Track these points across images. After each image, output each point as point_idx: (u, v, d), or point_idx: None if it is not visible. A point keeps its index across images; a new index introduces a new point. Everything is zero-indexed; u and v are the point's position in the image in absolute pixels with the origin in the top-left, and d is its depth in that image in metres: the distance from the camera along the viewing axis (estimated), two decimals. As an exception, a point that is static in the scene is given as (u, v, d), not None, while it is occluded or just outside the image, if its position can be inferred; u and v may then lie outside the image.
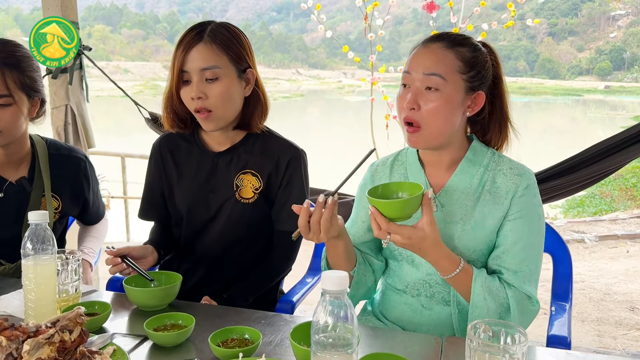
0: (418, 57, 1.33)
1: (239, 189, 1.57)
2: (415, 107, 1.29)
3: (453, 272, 1.27)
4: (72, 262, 1.33)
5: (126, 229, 5.10)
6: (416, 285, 1.42)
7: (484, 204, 1.34)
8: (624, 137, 2.26)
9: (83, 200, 1.83)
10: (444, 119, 1.30)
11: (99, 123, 3.33)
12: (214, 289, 1.60)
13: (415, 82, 1.30)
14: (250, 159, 1.59)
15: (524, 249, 1.32)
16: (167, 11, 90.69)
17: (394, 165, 1.49)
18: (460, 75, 1.31)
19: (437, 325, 1.41)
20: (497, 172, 1.36)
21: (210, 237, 1.61)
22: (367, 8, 4.55)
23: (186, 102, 1.50)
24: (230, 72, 1.47)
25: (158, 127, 2.87)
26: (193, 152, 1.63)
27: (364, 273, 1.45)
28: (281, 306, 1.66)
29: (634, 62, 53.02)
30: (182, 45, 1.45)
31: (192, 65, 1.44)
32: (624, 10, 56.76)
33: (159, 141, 1.69)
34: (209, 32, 1.46)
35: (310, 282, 1.83)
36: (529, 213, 1.33)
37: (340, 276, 0.82)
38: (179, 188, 1.63)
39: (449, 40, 1.33)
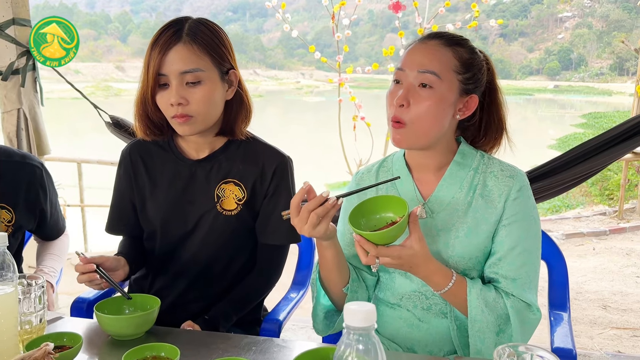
0: (413, 53, 1.26)
1: (220, 200, 1.44)
2: (405, 103, 1.22)
3: (446, 286, 1.20)
4: (36, 289, 1.17)
5: (84, 239, 4.84)
6: (411, 297, 1.33)
7: (477, 209, 1.27)
8: (606, 139, 2.25)
9: (39, 211, 1.67)
10: (433, 118, 1.23)
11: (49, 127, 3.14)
12: (192, 309, 1.47)
13: (408, 78, 1.24)
14: (233, 167, 1.45)
15: (521, 255, 1.25)
16: (119, 10, 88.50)
17: (379, 172, 1.42)
18: (455, 75, 1.25)
19: (436, 341, 1.33)
20: (487, 174, 1.30)
21: (187, 253, 1.47)
22: (334, 7, 4.46)
23: (163, 108, 1.35)
24: (213, 75, 1.34)
25: (120, 132, 2.70)
26: (168, 160, 1.48)
27: (356, 290, 1.35)
28: (267, 326, 1.54)
29: (580, 62, 54.99)
30: (158, 46, 1.31)
31: (170, 68, 1.30)
32: (571, 12, 58.83)
33: (129, 148, 1.54)
34: (188, 31, 1.32)
35: (296, 298, 1.72)
36: (524, 217, 1.26)
37: (367, 310, 0.71)
38: (152, 199, 1.48)
39: (447, 39, 1.27)
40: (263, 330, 1.53)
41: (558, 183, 2.25)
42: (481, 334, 1.21)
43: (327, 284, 1.34)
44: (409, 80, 1.24)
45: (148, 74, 1.31)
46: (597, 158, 2.24)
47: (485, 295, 1.21)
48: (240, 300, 1.46)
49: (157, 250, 1.50)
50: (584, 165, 2.26)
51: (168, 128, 1.44)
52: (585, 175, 2.31)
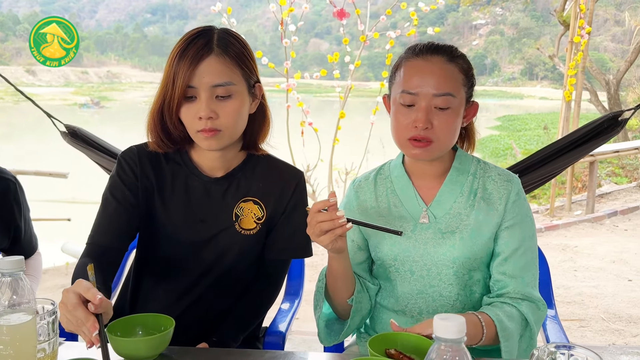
0: (422, 74, 1.27)
1: (240, 218, 1.39)
2: (429, 126, 1.25)
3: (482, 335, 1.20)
4: (48, 314, 1.09)
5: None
6: (417, 301, 1.36)
7: (479, 211, 1.32)
8: (566, 143, 2.39)
9: (14, 228, 1.56)
10: (454, 132, 1.30)
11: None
12: (196, 327, 1.41)
13: (422, 102, 1.26)
14: (252, 186, 1.41)
15: (524, 254, 1.32)
16: (28, 11, 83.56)
17: (377, 180, 1.44)
18: (463, 88, 1.30)
19: None
20: (486, 178, 1.36)
21: (192, 270, 1.42)
22: (283, 13, 4.46)
23: (188, 121, 1.28)
24: (243, 89, 1.29)
25: (78, 142, 2.56)
26: (180, 174, 1.40)
27: (360, 300, 1.36)
28: (271, 340, 1.52)
29: (494, 67, 57.90)
30: (187, 57, 1.23)
31: (201, 81, 1.24)
32: (484, 19, 61.82)
33: (138, 151, 1.41)
34: (218, 42, 1.26)
35: (292, 308, 1.70)
36: (523, 218, 1.34)
37: (459, 322, 0.73)
38: (161, 212, 1.39)
39: (447, 53, 1.30)
40: (267, 344, 1.51)
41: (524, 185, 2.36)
42: (512, 346, 1.23)
43: (332, 293, 1.35)
44: (425, 104, 1.25)
45: (175, 86, 1.24)
46: (558, 161, 2.37)
47: (508, 318, 1.24)
48: (245, 318, 1.43)
49: (156, 262, 1.43)
50: (545, 168, 2.39)
51: (183, 140, 1.37)
52: (546, 178, 2.44)
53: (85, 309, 1.01)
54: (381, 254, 1.38)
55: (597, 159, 5.97)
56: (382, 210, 1.39)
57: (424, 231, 1.33)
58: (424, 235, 1.33)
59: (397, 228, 1.34)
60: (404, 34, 5.37)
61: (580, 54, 5.35)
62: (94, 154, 2.57)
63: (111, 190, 1.39)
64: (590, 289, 3.97)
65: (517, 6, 50.00)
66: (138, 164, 1.39)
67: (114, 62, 63.43)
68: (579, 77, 5.58)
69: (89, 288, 1.03)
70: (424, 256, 1.33)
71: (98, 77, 55.03)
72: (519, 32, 55.59)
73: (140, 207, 1.39)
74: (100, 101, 34.23)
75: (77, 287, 1.04)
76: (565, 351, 0.93)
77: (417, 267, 1.34)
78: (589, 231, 5.61)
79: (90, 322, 1.00)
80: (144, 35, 76.65)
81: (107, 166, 2.62)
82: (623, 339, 3.16)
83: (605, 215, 6.00)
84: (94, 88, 46.47)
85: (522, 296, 1.30)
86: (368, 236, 1.41)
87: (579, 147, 2.34)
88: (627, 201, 6.71)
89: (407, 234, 1.34)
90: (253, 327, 1.45)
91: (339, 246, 1.20)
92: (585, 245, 5.08)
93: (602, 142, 2.34)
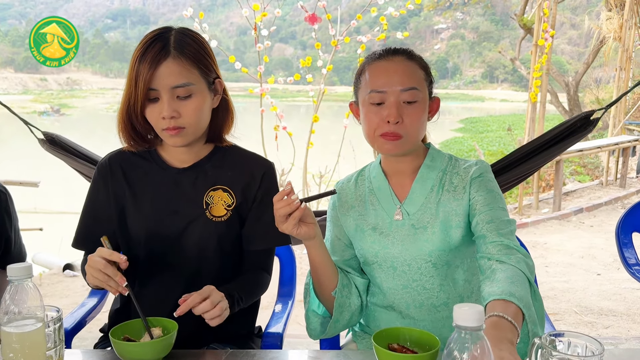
0: (387, 73, 1.33)
1: (210, 206, 1.43)
2: (400, 120, 1.31)
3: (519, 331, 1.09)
4: (54, 322, 1.08)
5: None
6: (403, 297, 1.38)
7: (445, 203, 1.36)
8: (540, 142, 2.46)
9: (5, 239, 1.53)
10: (422, 125, 1.37)
11: None
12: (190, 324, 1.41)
13: (391, 98, 1.32)
14: (221, 175, 1.45)
15: (496, 213, 1.31)
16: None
17: (358, 181, 1.50)
18: (425, 83, 1.37)
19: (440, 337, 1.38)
20: (453, 174, 1.40)
21: (176, 262, 1.43)
22: (256, 18, 4.47)
23: (153, 121, 1.33)
24: (202, 87, 1.35)
25: (56, 149, 2.51)
26: (151, 170, 1.45)
27: (347, 295, 1.39)
28: (269, 341, 1.52)
29: (455, 71, 58.99)
30: (146, 61, 1.28)
31: (161, 83, 1.28)
32: (445, 24, 62.94)
33: (109, 158, 1.48)
34: (175, 44, 1.30)
35: (287, 309, 1.71)
36: (489, 192, 1.34)
37: (477, 311, 0.76)
38: (135, 210, 1.43)
39: (406, 53, 1.37)
40: (265, 345, 1.52)
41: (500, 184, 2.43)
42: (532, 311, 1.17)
43: (317, 286, 1.39)
44: (394, 99, 1.31)
45: (137, 89, 1.29)
46: (533, 160, 2.45)
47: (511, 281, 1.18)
48: (245, 287, 1.43)
49: (141, 263, 1.44)
50: (522, 167, 2.47)
51: (155, 138, 1.43)
52: (522, 177, 2.52)
53: (113, 267, 1.21)
54: (363, 251, 1.42)
55: (562, 158, 6.15)
56: (362, 209, 1.44)
57: (399, 228, 1.38)
58: (400, 232, 1.38)
59: (375, 226, 1.40)
60: (374, 39, 5.45)
61: (545, 56, 5.52)
62: (73, 161, 2.53)
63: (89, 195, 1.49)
64: (562, 284, 4.10)
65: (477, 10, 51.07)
66: (109, 171, 1.46)
67: (74, 69, 62.00)
68: (543, 79, 5.75)
69: (111, 253, 1.22)
70: (402, 252, 1.37)
71: (58, 84, 53.72)
72: (479, 36, 56.80)
73: (114, 214, 1.45)
74: (60, 108, 33.47)
75: (100, 252, 1.22)
76: (564, 339, 0.97)
77: (398, 263, 1.38)
78: (557, 228, 5.78)
79: (118, 277, 1.21)
80: (105, 41, 75.29)
81: (87, 173, 2.58)
82: (596, 330, 3.27)
83: (571, 212, 6.19)
84: (54, 95, 45.37)
85: (503, 246, 1.26)
86: (351, 235, 1.45)
87: (553, 146, 2.42)
88: (592, 198, 6.94)
89: (385, 232, 1.39)
90: (250, 302, 1.46)
91: (304, 232, 1.26)
92: (554, 241, 5.23)
93: (575, 141, 2.43)
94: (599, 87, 17.22)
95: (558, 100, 14.11)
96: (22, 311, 0.98)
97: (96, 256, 1.21)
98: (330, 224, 1.51)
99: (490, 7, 30.20)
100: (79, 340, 1.59)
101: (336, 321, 1.39)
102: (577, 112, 13.91)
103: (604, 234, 5.48)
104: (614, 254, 4.58)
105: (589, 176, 8.76)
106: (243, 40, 60.50)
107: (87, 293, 1.79)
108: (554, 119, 15.42)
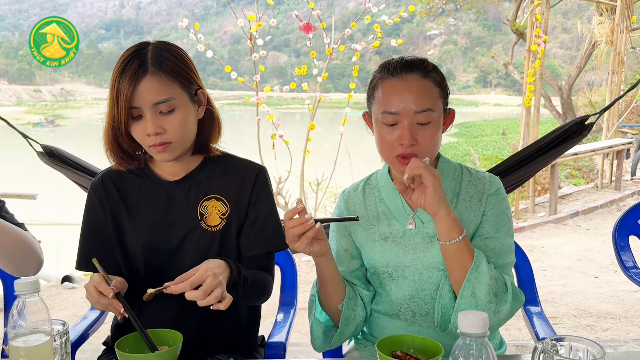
0: (401, 94, 1.30)
1: (204, 217, 1.43)
2: (414, 142, 1.30)
3: (459, 236, 1.25)
4: (60, 334, 1.09)
5: None
6: (410, 305, 1.39)
7: (462, 212, 1.36)
8: (537, 148, 2.49)
9: None
10: (437, 144, 1.35)
11: None
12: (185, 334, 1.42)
13: (404, 120, 1.29)
14: (213, 184, 1.45)
15: (499, 245, 1.35)
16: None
17: (365, 189, 1.49)
18: (440, 100, 1.34)
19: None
20: (467, 182, 1.41)
21: (175, 275, 1.43)
22: (252, 28, 4.49)
23: (139, 138, 1.33)
24: (184, 100, 1.34)
25: (55, 161, 2.52)
26: (144, 186, 1.45)
27: (354, 308, 1.40)
28: (271, 352, 1.53)
29: (449, 76, 59.00)
30: (125, 79, 1.28)
31: (142, 101, 1.28)
32: (438, 30, 63.26)
33: (101, 177, 1.48)
34: (152, 60, 1.30)
35: (289, 318, 1.72)
36: (500, 214, 1.38)
37: (482, 318, 0.77)
38: (131, 227, 1.43)
39: (420, 69, 1.33)
40: (268, 355, 1.52)
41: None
42: (479, 282, 1.25)
43: (323, 299, 1.39)
44: (407, 122, 1.29)
45: (119, 107, 1.28)
46: (530, 165, 2.47)
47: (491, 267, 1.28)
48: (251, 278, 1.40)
49: (142, 277, 1.44)
50: (519, 172, 2.49)
51: (142, 154, 1.43)
52: (519, 182, 2.54)
53: (105, 297, 1.21)
54: (373, 261, 1.41)
55: (557, 161, 6.19)
56: (372, 219, 1.43)
57: (412, 237, 1.38)
58: (413, 241, 1.37)
59: (387, 235, 1.40)
60: (369, 46, 5.48)
61: (539, 61, 5.57)
62: (72, 173, 2.53)
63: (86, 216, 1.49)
64: (560, 287, 4.11)
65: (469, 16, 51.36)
66: (103, 190, 1.45)
67: (67, 80, 61.96)
68: (537, 83, 5.80)
69: (100, 283, 1.22)
70: (414, 261, 1.37)
71: (52, 95, 53.65)
72: (472, 41, 57.09)
73: (112, 232, 1.45)
74: (54, 119, 33.37)
75: (92, 282, 1.23)
76: (565, 343, 0.98)
77: (409, 272, 1.38)
78: (554, 231, 5.81)
79: (113, 304, 1.21)
80: (99, 52, 75.25)
81: (85, 185, 2.58)
82: (595, 333, 3.29)
83: (567, 215, 6.21)
84: (48, 106, 45.25)
85: None
86: (360, 245, 1.45)
87: (548, 151, 2.44)
88: (587, 201, 6.97)
89: (396, 240, 1.38)
90: (255, 295, 1.44)
91: (317, 249, 1.25)
92: (551, 245, 5.26)
93: (570, 146, 2.45)
94: (591, 90, 17.33)
95: (551, 104, 14.18)
96: (29, 325, 0.99)
97: (90, 286, 1.23)
98: (336, 234, 1.49)
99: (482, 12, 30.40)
100: (80, 353, 1.59)
101: (341, 333, 1.39)
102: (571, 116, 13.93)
103: (600, 236, 5.51)
104: (610, 257, 4.61)
105: (584, 179, 8.80)
106: (237, 49, 60.59)
107: (86, 305, 1.80)
108: (548, 122, 15.50)
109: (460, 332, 0.79)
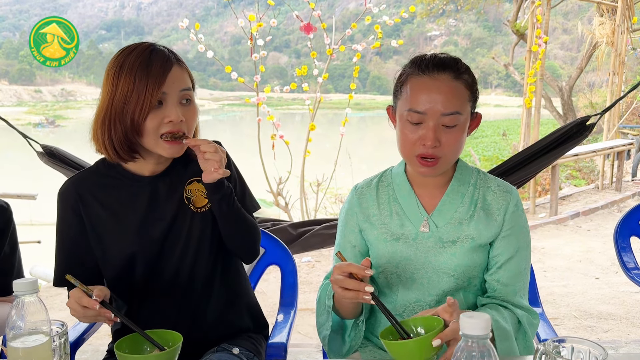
0: (430, 94, 1.26)
1: (191, 200, 1.45)
2: (437, 144, 1.27)
3: None
4: (59, 336, 1.08)
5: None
6: (415, 308, 1.39)
7: (479, 221, 1.35)
8: (537, 149, 2.48)
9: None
10: (460, 148, 1.33)
11: None
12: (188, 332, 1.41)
13: (430, 122, 1.27)
14: (192, 167, 1.46)
15: (517, 264, 1.36)
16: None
17: (379, 186, 1.46)
18: (469, 104, 1.31)
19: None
20: (486, 189, 1.39)
21: (169, 270, 1.43)
22: (252, 28, 4.49)
23: (153, 127, 1.32)
24: (193, 95, 1.43)
25: (55, 162, 2.51)
26: (122, 186, 1.42)
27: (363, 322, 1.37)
28: (273, 352, 1.53)
29: (449, 77, 58.98)
30: (156, 64, 1.32)
31: (172, 86, 1.33)
32: (438, 31, 63.29)
33: (72, 184, 1.42)
34: (171, 55, 1.37)
35: (289, 319, 1.71)
36: (520, 229, 1.38)
37: (484, 319, 0.77)
38: (116, 230, 1.41)
39: (453, 70, 1.29)
40: (269, 355, 1.52)
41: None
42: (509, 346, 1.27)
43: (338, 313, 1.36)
44: (433, 123, 1.26)
45: (146, 92, 1.29)
46: (531, 166, 2.46)
47: (501, 315, 1.29)
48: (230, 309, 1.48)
49: (135, 275, 1.43)
50: (519, 173, 2.48)
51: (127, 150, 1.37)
52: (520, 183, 2.53)
53: (91, 309, 1.20)
54: (382, 261, 1.40)
55: (558, 162, 6.18)
56: (384, 217, 1.41)
57: (425, 240, 1.36)
58: (425, 244, 1.36)
59: (399, 236, 1.38)
60: (369, 47, 5.48)
61: (539, 62, 5.56)
62: (72, 174, 2.52)
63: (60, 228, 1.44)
64: (561, 288, 4.11)
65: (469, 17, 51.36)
66: (77, 198, 1.41)
67: (68, 80, 61.95)
68: (537, 84, 5.79)
69: (81, 297, 1.20)
70: (425, 264, 1.36)
71: (52, 96, 53.67)
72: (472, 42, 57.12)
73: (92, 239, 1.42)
74: (55, 120, 33.38)
75: (73, 298, 1.21)
76: (567, 345, 0.98)
77: (418, 275, 1.37)
78: (554, 232, 5.80)
79: (100, 314, 1.20)
80: (99, 52, 75.25)
81: (85, 185, 2.57)
82: (596, 334, 3.28)
83: (568, 216, 6.20)
84: (48, 107, 45.26)
85: (512, 304, 1.35)
86: (370, 243, 1.43)
87: (549, 152, 2.44)
88: (588, 202, 6.96)
89: (408, 242, 1.37)
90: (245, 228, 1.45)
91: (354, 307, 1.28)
92: (552, 246, 5.25)
93: (571, 147, 2.45)
94: (592, 91, 17.33)
95: (552, 105, 14.17)
96: (28, 326, 0.98)
97: (72, 302, 1.21)
98: (345, 229, 1.47)
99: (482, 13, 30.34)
100: (79, 354, 1.59)
101: (351, 348, 1.38)
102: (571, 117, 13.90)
103: (600, 237, 5.50)
104: (611, 258, 4.60)
105: (585, 180, 8.79)
106: (237, 50, 60.58)
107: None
108: (548, 123, 15.48)
109: (462, 334, 0.78)
